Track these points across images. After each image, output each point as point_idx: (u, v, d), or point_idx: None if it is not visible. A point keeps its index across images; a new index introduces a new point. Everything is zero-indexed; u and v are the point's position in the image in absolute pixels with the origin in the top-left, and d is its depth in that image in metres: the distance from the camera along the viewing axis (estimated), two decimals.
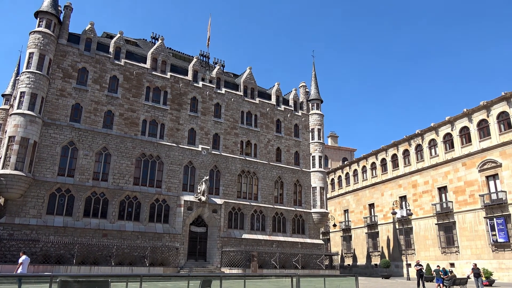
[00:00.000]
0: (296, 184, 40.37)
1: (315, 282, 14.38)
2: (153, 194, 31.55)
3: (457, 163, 37.06)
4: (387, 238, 45.40)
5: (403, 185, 43.77)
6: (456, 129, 37.65)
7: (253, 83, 40.84)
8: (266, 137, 39.64)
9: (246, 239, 34.81)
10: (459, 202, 36.39)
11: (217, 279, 10.77)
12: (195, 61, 37.76)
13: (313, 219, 39.90)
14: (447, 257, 36.75)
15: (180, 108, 35.05)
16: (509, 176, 32.09)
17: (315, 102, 43.75)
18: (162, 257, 29.77)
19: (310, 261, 36.99)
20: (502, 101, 33.39)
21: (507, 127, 33.04)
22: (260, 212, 36.95)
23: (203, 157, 34.92)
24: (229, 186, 35.72)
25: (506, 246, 31.59)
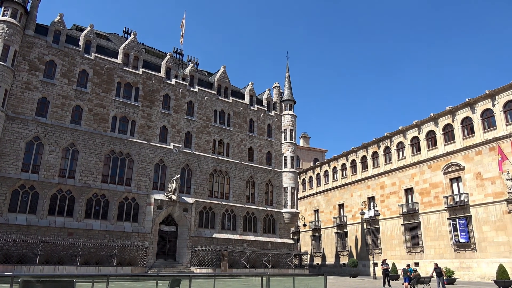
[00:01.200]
0: (267, 184, 40.56)
1: (284, 282, 14.49)
2: (122, 192, 30.86)
3: (423, 166, 38.32)
4: (355, 238, 46.38)
5: (372, 186, 44.84)
6: (423, 132, 38.93)
7: (227, 82, 40.71)
8: (239, 136, 39.61)
9: (217, 239, 34.67)
10: (424, 203, 37.65)
11: (187, 279, 10.67)
12: (168, 58, 37.23)
13: (284, 219, 40.22)
14: (412, 256, 37.94)
15: (152, 105, 34.47)
16: (471, 179, 33.48)
17: (288, 102, 44.10)
18: (130, 257, 29.18)
19: (280, 261, 37.26)
20: (466, 107, 34.80)
21: (470, 132, 34.47)
22: (232, 211, 36.89)
23: (174, 155, 34.49)
24: (200, 185, 35.45)
25: (467, 246, 32.95)
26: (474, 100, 34.00)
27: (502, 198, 30.59)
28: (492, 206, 31.46)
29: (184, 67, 40.16)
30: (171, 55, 38.13)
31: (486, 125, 33.28)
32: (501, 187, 30.98)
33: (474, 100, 33.99)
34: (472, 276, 31.93)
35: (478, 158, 33.18)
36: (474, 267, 32.09)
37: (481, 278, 31.13)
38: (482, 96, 33.38)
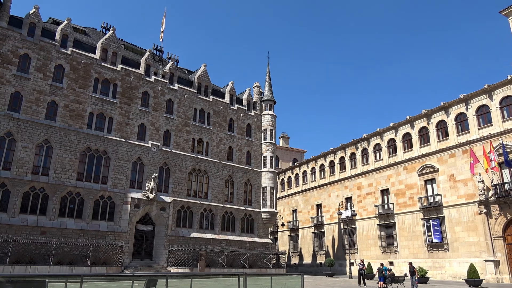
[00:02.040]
0: (246, 184, 40.56)
1: (262, 281, 14.51)
2: (98, 190, 30.24)
3: (399, 167, 39.13)
4: (332, 238, 46.93)
5: (349, 186, 45.47)
6: (399, 135, 39.74)
7: (207, 80, 40.48)
8: (218, 135, 39.45)
9: (195, 238, 34.43)
10: (399, 204, 38.44)
11: (163, 279, 10.54)
12: (148, 55, 36.71)
13: (262, 219, 40.31)
14: (387, 256, 38.68)
15: (130, 102, 33.91)
16: (445, 180, 34.40)
17: (268, 102, 44.22)
18: (105, 256, 28.63)
19: (258, 260, 37.32)
20: (441, 110, 35.73)
21: (445, 135, 35.41)
22: (210, 211, 36.71)
23: (153, 153, 34.05)
24: (179, 184, 35.12)
25: (440, 246, 33.84)
26: (448, 104, 34.94)
27: (474, 199, 31.55)
28: (464, 207, 32.41)
29: (164, 65, 39.69)
30: (150, 52, 37.63)
31: (459, 129, 34.25)
32: (472, 189, 31.95)
33: (449, 104, 34.93)
34: (445, 275, 32.82)
35: (451, 161, 34.12)
36: (446, 266, 32.98)
37: (453, 277, 32.03)
38: (456, 101, 34.34)
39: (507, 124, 30.53)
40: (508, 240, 29.32)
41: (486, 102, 32.18)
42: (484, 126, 32.17)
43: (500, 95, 31.29)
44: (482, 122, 32.57)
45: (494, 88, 31.62)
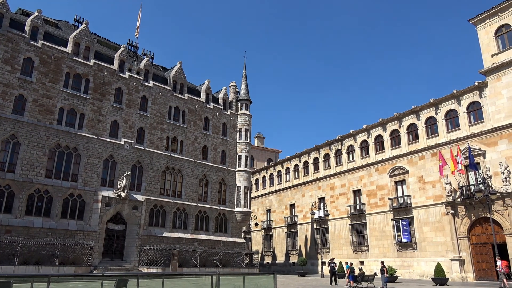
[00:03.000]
0: (221, 183, 40.41)
1: (234, 281, 14.50)
2: (68, 188, 29.37)
3: (371, 169, 39.98)
4: (305, 237, 47.44)
5: (323, 187, 46.08)
6: (372, 136, 40.61)
7: (183, 78, 40.05)
8: (193, 134, 39.11)
9: (167, 237, 34.01)
10: (371, 204, 39.29)
11: (134, 279, 10.34)
12: (122, 50, 35.95)
13: (236, 218, 40.27)
14: (358, 255, 39.45)
15: (103, 98, 33.11)
16: (414, 182, 35.41)
17: (244, 102, 44.21)
18: (74, 256, 27.84)
19: (231, 260, 37.26)
20: (412, 114, 36.75)
21: (415, 138, 36.44)
22: (183, 210, 36.35)
23: (125, 151, 33.38)
24: (152, 182, 34.59)
25: (408, 245, 34.80)
26: (419, 108, 35.98)
27: (441, 201, 32.63)
28: (432, 208, 33.47)
29: (139, 61, 38.96)
30: (125, 48, 36.87)
31: (429, 132, 35.33)
32: (440, 191, 33.04)
33: (419, 108, 35.97)
34: (413, 274, 33.78)
35: (421, 163, 35.16)
36: (414, 265, 33.96)
37: (420, 276, 33.01)
38: (426, 104, 35.40)
39: (474, 129, 31.73)
40: (472, 240, 30.49)
41: (455, 106, 33.33)
42: (452, 130, 33.32)
43: (468, 100, 32.49)
44: (451, 126, 33.73)
45: (462, 93, 32.80)
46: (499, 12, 31.40)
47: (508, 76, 30.10)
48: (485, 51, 32.12)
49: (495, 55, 31.29)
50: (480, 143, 30.95)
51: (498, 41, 31.48)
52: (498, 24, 31.52)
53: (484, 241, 29.69)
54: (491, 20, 31.97)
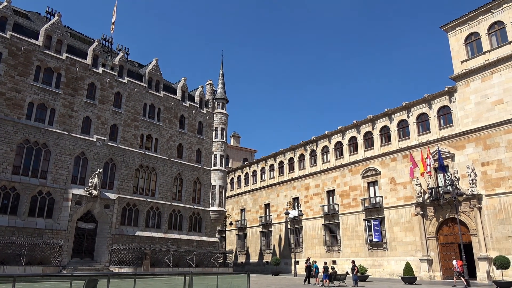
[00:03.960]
0: (196, 182, 40.10)
1: (208, 280, 14.41)
2: (36, 185, 28.41)
3: (345, 169, 40.64)
4: (279, 237, 47.73)
5: (297, 187, 46.50)
6: (346, 138, 41.29)
7: (159, 75, 39.49)
8: (168, 132, 38.63)
9: (140, 237, 33.46)
10: (344, 204, 39.94)
11: (104, 279, 10.11)
12: (96, 45, 35.08)
13: (210, 217, 40.06)
14: (331, 254, 40.03)
15: (75, 93, 32.21)
16: (386, 183, 36.25)
17: (220, 101, 44.02)
18: (42, 256, 26.96)
19: (204, 259, 37.04)
20: (385, 116, 37.59)
21: (387, 140, 37.31)
22: (157, 208, 35.85)
23: (98, 148, 32.60)
24: (125, 180, 33.93)
25: (379, 245, 35.60)
26: (392, 111, 36.85)
27: (411, 201, 33.54)
28: (402, 209, 34.36)
29: (113, 56, 38.11)
30: (99, 42, 36.00)
31: (401, 134, 36.25)
32: (411, 192, 33.95)
33: (392, 111, 36.84)
34: (383, 273, 34.57)
35: (393, 165, 36.02)
36: (384, 264, 34.77)
37: (390, 275, 33.83)
38: (399, 108, 36.30)
39: (443, 132, 32.79)
40: (440, 240, 31.50)
41: (426, 110, 34.33)
42: (423, 133, 34.31)
43: (438, 104, 33.54)
44: (422, 129, 34.72)
45: (433, 98, 33.83)
46: (469, 21, 32.55)
47: (476, 82, 31.25)
48: (455, 57, 33.23)
49: (464, 61, 32.42)
50: (449, 146, 32.01)
51: (468, 48, 32.63)
52: (467, 32, 32.67)
53: (451, 241, 30.72)
54: (461, 28, 33.10)
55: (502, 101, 29.39)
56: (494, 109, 29.75)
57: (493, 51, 30.64)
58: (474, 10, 32.06)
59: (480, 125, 30.23)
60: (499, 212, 28.12)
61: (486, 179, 29.25)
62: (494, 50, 30.64)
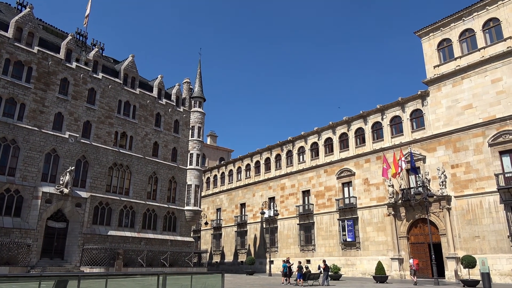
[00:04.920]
0: (171, 181, 39.64)
1: (182, 280, 14.27)
2: (3, 183, 27.38)
3: (320, 170, 41.13)
4: (254, 237, 47.81)
5: (273, 187, 46.70)
6: (322, 139, 41.78)
7: (135, 72, 38.80)
8: (144, 130, 38.02)
9: (113, 236, 32.80)
10: (319, 205, 40.41)
11: (75, 279, 9.84)
12: (69, 39, 34.13)
13: (185, 217, 39.70)
14: (305, 254, 40.41)
15: (47, 88, 31.25)
16: (360, 184, 36.91)
17: (198, 99, 43.69)
18: (9, 255, 25.99)
19: (179, 259, 36.67)
20: (360, 118, 38.27)
21: (362, 142, 37.99)
22: (131, 207, 35.23)
23: (70, 145, 31.73)
24: (98, 178, 33.17)
25: (352, 245, 36.21)
26: (367, 113, 37.55)
27: (384, 202, 34.29)
28: (375, 209, 35.07)
29: (88, 51, 37.18)
30: (73, 36, 35.04)
31: (375, 136, 36.99)
32: (383, 193, 34.70)
33: (367, 113, 37.54)
34: (355, 272, 35.18)
35: (367, 166, 36.72)
36: (357, 264, 35.39)
37: (363, 274, 34.46)
38: (373, 110, 37.02)
39: (415, 135, 33.67)
40: (411, 240, 32.33)
41: (399, 113, 35.16)
42: (396, 135, 35.13)
43: (411, 108, 34.42)
44: (395, 131, 35.54)
45: (406, 101, 34.69)
46: (442, 27, 33.56)
47: (447, 87, 32.25)
48: (428, 62, 34.18)
49: (437, 66, 33.40)
50: (420, 149, 32.90)
51: (440, 53, 33.64)
52: (440, 38, 33.67)
53: (421, 240, 31.58)
54: (434, 33, 34.08)
55: (471, 106, 30.45)
56: (463, 114, 30.80)
57: (464, 57, 31.70)
58: (447, 17, 33.08)
59: (451, 129, 31.22)
60: (467, 213, 29.12)
61: (455, 181, 30.24)
62: (464, 57, 31.71)
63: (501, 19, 29.92)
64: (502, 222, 27.13)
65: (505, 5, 29.83)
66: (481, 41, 30.90)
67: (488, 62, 29.98)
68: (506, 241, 26.74)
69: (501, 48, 29.45)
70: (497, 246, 27.10)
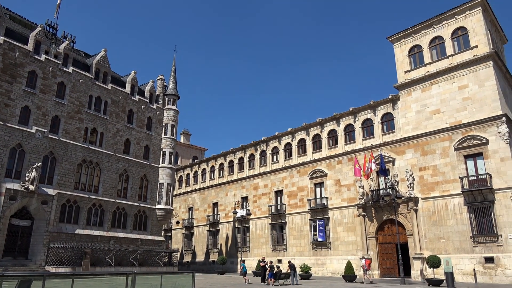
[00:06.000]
0: (143, 179, 38.95)
1: (151, 280, 14.05)
2: None
3: (293, 170, 41.50)
4: (226, 236, 47.69)
5: (246, 186, 46.74)
6: (296, 140, 42.17)
7: (107, 67, 37.88)
8: (115, 126, 37.18)
9: (80, 235, 31.90)
10: (291, 205, 40.76)
11: (40, 279, 9.51)
12: (39, 30, 32.91)
13: (156, 216, 39.11)
14: (277, 253, 40.67)
15: (13, 80, 30.02)
16: (332, 184, 37.50)
17: (171, 97, 43.14)
18: None
19: (149, 259, 36.08)
20: (333, 120, 38.88)
21: (334, 143, 38.62)
22: (100, 206, 34.38)
23: (37, 140, 30.62)
24: (66, 175, 32.17)
25: (323, 244, 36.74)
26: (340, 115, 38.19)
27: (354, 203, 34.97)
28: (346, 210, 35.72)
29: (58, 44, 35.96)
30: (42, 28, 33.79)
31: (347, 138, 37.67)
32: (354, 194, 35.40)
33: (340, 115, 38.19)
34: (325, 272, 35.71)
35: (338, 167, 37.34)
36: (327, 263, 35.93)
37: (332, 273, 35.03)
38: (346, 112, 37.70)
39: (386, 138, 34.54)
40: (379, 240, 33.13)
41: (371, 116, 35.97)
42: (368, 138, 35.92)
43: (382, 111, 35.28)
44: (366, 134, 36.33)
45: (378, 104, 35.53)
46: (413, 34, 34.59)
47: (417, 92, 33.26)
48: (399, 67, 35.14)
49: (407, 71, 34.39)
50: (390, 151, 33.78)
51: (411, 59, 34.66)
52: (411, 44, 34.69)
53: (389, 241, 32.42)
54: (406, 40, 35.08)
55: (439, 111, 31.54)
56: (432, 118, 31.85)
57: (433, 64, 32.80)
58: (418, 24, 34.12)
59: (419, 133, 32.22)
60: (433, 214, 30.13)
61: (423, 183, 31.23)
62: (434, 63, 32.81)
63: (469, 28, 31.15)
64: (465, 224, 28.24)
65: (473, 15, 31.09)
66: (449, 49, 32.07)
67: (456, 69, 31.15)
68: (468, 241, 27.86)
69: (468, 56, 30.67)
70: (461, 246, 28.20)
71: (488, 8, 31.69)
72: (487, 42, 30.21)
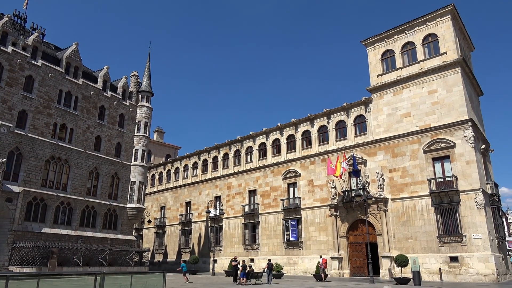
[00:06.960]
0: (114, 177, 38.10)
1: (121, 280, 13.79)
2: None
3: (267, 170, 41.68)
4: (199, 235, 47.36)
5: (220, 186, 46.56)
6: (270, 140, 42.37)
7: (78, 61, 36.82)
8: (86, 122, 36.20)
9: (47, 234, 30.86)
10: (264, 204, 40.92)
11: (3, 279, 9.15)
12: (6, 20, 31.61)
13: (127, 215, 38.35)
14: (249, 253, 40.73)
15: None
16: (305, 185, 37.90)
17: (145, 94, 42.41)
18: None
19: (119, 258, 35.35)
20: (307, 121, 39.29)
21: (308, 144, 39.05)
22: (68, 204, 33.38)
23: (1, 135, 29.38)
24: (32, 172, 31.05)
25: (295, 244, 37.08)
26: (314, 116, 38.65)
27: (327, 203, 35.48)
28: (318, 210, 36.19)
29: (27, 36, 34.66)
30: (10, 18, 32.49)
31: (321, 139, 38.17)
32: (326, 194, 35.90)
33: (314, 116, 38.66)
34: (297, 271, 36.05)
35: (312, 167, 37.79)
36: (299, 262, 36.29)
37: (304, 272, 35.40)
38: (320, 114, 38.21)
39: (358, 139, 35.23)
40: (350, 240, 33.75)
41: (344, 118, 36.59)
42: (341, 139, 36.52)
43: (355, 113, 35.97)
44: (340, 135, 36.94)
45: (351, 106, 36.19)
46: (386, 38, 35.45)
47: (388, 95, 34.11)
48: (372, 70, 35.92)
49: (380, 75, 35.20)
50: (362, 153, 34.48)
51: (384, 63, 35.51)
52: (384, 49, 35.54)
53: (359, 240, 33.08)
54: (379, 44, 35.90)
55: (409, 114, 32.46)
56: (402, 121, 32.74)
57: (405, 69, 33.72)
58: (391, 29, 34.99)
59: (390, 135, 33.05)
60: (401, 214, 30.98)
61: (393, 184, 32.05)
62: (405, 68, 33.73)
63: (439, 35, 32.23)
64: (432, 224, 29.19)
65: (443, 23, 32.18)
66: (420, 54, 33.07)
67: (426, 74, 32.15)
68: (435, 241, 28.81)
69: (438, 62, 31.72)
70: (427, 246, 29.12)
71: (457, 16, 32.88)
72: (455, 49, 31.34)
